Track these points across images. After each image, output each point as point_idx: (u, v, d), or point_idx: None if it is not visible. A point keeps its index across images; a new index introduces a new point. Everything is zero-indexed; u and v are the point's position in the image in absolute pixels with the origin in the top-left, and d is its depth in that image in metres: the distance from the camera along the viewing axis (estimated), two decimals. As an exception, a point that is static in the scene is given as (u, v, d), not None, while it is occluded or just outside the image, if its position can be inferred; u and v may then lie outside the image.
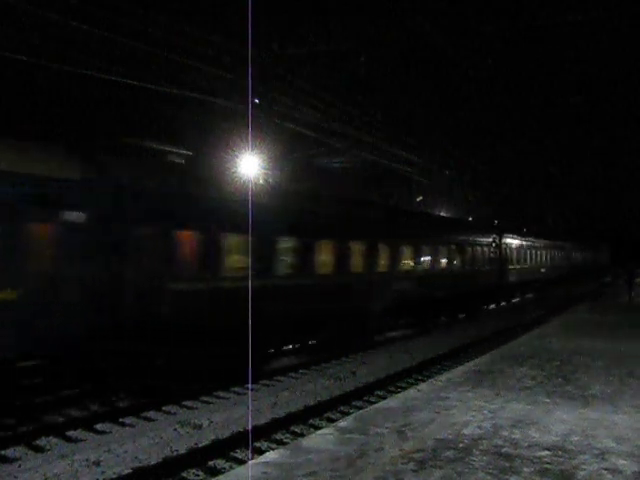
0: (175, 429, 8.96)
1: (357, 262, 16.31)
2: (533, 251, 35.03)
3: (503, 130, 31.26)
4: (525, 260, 33.16)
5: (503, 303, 30.68)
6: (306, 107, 16.50)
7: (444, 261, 22.14)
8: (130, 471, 7.19)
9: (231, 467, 7.29)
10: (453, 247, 22.91)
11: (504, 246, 29.00)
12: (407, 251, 19.38)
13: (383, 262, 17.78)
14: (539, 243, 37.13)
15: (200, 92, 14.15)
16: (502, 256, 28.41)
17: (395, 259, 18.50)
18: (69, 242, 9.22)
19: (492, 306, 29.48)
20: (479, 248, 25.83)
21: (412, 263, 19.78)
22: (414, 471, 5.32)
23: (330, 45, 15.60)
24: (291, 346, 15.18)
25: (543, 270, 37.73)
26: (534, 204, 47.34)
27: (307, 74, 16.92)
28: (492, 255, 27.09)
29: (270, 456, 5.93)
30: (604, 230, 69.17)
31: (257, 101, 14.93)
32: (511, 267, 30.04)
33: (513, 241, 30.87)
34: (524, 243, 33.18)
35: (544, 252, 38.03)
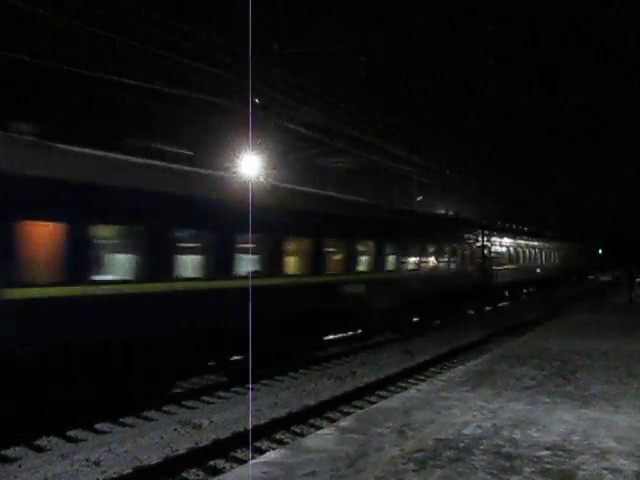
0: (175, 429, 8.96)
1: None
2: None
3: (503, 130, 31.32)
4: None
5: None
6: (306, 107, 16.48)
7: None
8: (130, 471, 7.19)
9: (231, 467, 7.28)
10: None
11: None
12: None
13: None
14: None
15: (196, 91, 14.12)
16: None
17: None
18: None
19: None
20: None
21: None
22: (414, 471, 5.32)
23: (330, 45, 15.60)
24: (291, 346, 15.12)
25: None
26: (534, 204, 47.43)
27: (307, 74, 16.92)
28: None
29: (270, 456, 5.94)
30: (601, 230, 69.18)
31: (257, 101, 14.91)
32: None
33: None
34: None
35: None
